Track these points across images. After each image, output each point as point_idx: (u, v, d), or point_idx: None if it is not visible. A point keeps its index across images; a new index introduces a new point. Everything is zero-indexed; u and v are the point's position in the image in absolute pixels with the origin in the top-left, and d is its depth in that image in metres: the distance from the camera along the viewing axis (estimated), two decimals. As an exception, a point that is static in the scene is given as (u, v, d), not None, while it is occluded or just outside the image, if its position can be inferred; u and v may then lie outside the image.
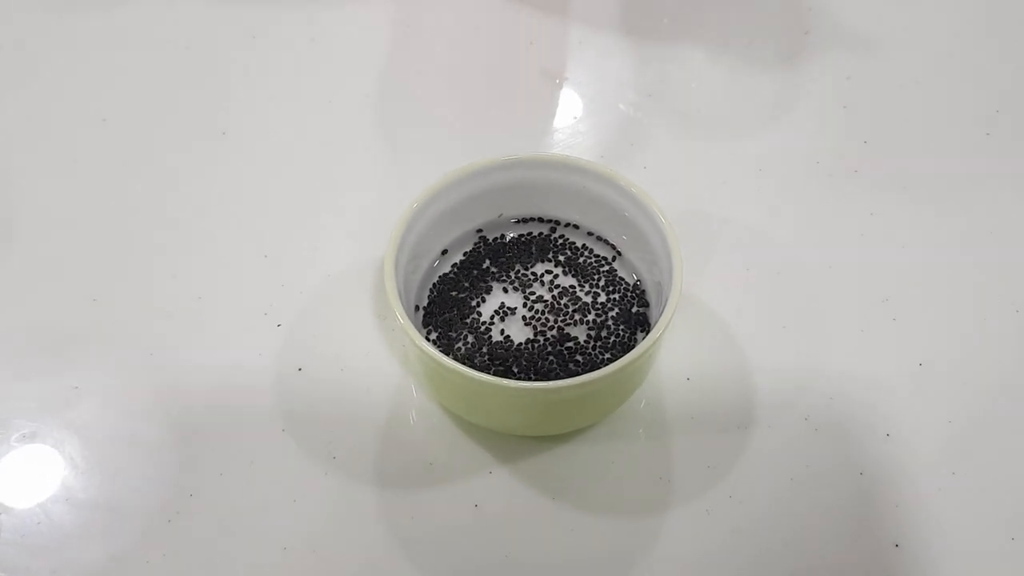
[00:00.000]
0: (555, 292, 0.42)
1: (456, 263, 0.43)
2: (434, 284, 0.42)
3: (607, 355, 0.40)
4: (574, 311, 0.41)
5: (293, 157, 0.50)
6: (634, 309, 0.41)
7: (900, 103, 0.53)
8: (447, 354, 0.39)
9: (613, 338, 0.40)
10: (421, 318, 0.41)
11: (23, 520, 0.38)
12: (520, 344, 0.40)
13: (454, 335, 0.40)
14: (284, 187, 0.49)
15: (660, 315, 0.37)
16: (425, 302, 0.42)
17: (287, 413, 0.41)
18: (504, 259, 0.43)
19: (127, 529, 0.38)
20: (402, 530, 0.38)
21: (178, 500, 0.39)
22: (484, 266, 0.43)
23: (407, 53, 0.55)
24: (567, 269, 0.42)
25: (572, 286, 0.42)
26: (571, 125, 0.52)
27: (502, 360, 0.39)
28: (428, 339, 0.40)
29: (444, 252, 0.43)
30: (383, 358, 0.43)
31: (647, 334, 0.38)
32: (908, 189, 0.49)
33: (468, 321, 0.41)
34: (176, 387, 0.42)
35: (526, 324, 0.41)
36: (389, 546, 0.38)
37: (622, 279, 0.42)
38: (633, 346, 0.40)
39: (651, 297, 0.42)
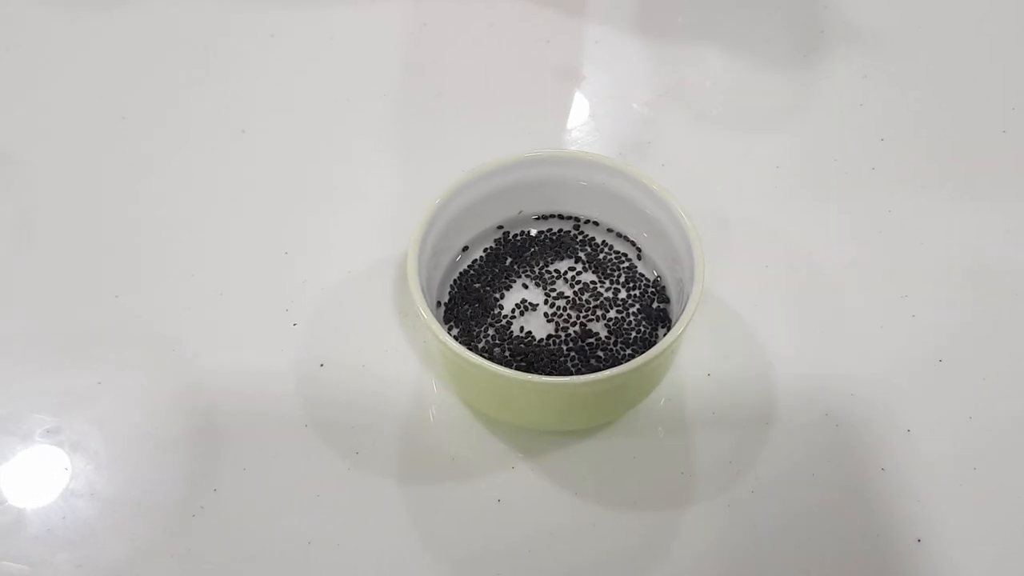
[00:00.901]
0: (576, 288, 0.42)
1: (477, 259, 0.43)
2: (455, 280, 0.42)
3: (628, 351, 0.40)
4: (595, 307, 0.41)
5: (312, 155, 0.50)
6: (655, 305, 0.41)
7: (916, 101, 0.53)
8: (469, 350, 0.40)
9: (634, 334, 0.40)
10: (442, 314, 0.42)
11: (48, 514, 0.39)
12: (541, 340, 0.40)
13: (475, 331, 0.41)
14: (303, 185, 0.49)
15: (682, 311, 0.37)
16: (446, 298, 0.42)
17: (310, 409, 0.41)
18: (525, 255, 0.43)
19: (151, 524, 0.38)
20: (425, 524, 0.39)
21: (202, 495, 0.39)
22: (506, 263, 0.43)
23: (424, 51, 0.55)
24: (588, 265, 0.43)
25: (593, 282, 0.42)
26: (587, 123, 0.53)
27: (523, 355, 0.40)
28: (450, 334, 0.41)
29: (465, 248, 0.43)
30: (404, 354, 0.43)
31: (668, 330, 0.38)
32: (925, 186, 0.49)
33: (489, 317, 0.41)
34: (199, 383, 0.42)
35: (548, 320, 0.41)
36: (412, 540, 0.38)
37: (643, 275, 0.42)
38: (654, 342, 0.40)
39: (671, 294, 0.42)
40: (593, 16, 0.57)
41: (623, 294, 0.42)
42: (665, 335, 0.37)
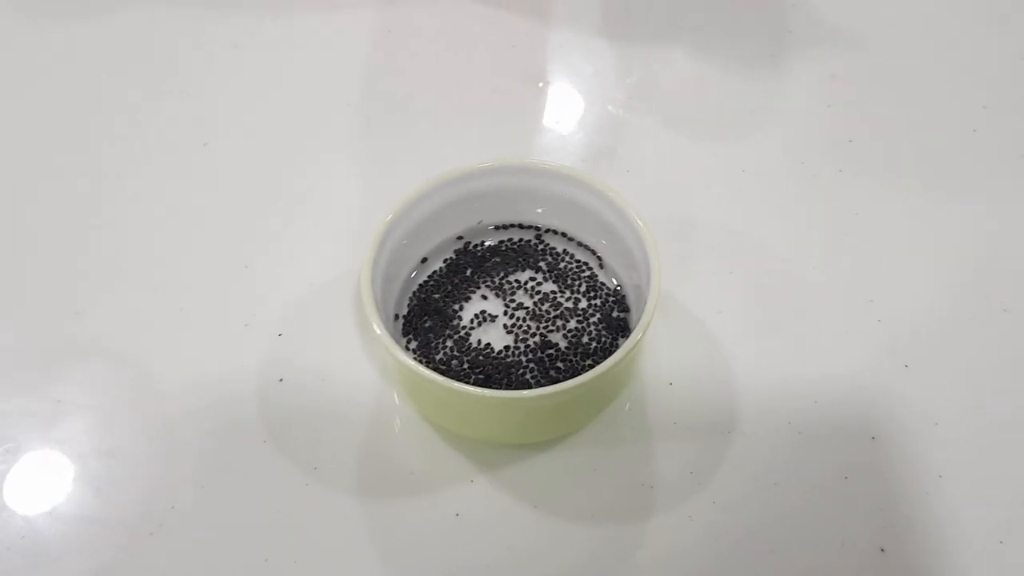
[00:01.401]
0: (536, 298, 0.41)
1: (436, 271, 0.43)
2: (414, 292, 0.42)
3: (588, 361, 0.40)
4: (555, 317, 0.41)
5: (275, 166, 0.50)
6: (615, 314, 0.41)
7: (885, 101, 0.52)
8: (427, 363, 0.39)
9: (594, 344, 0.40)
10: (401, 327, 0.41)
11: (7, 534, 0.38)
12: (500, 351, 0.40)
13: (434, 343, 0.40)
14: (266, 197, 0.49)
15: (639, 320, 0.37)
16: (405, 310, 0.42)
17: (269, 424, 0.41)
18: (485, 266, 0.43)
19: (110, 542, 0.38)
20: (384, 540, 0.38)
21: (160, 513, 0.39)
22: (466, 273, 0.42)
23: (389, 60, 0.55)
24: (548, 275, 0.42)
25: (553, 292, 0.42)
26: (554, 128, 0.52)
27: (482, 368, 0.39)
28: (408, 348, 0.40)
29: (424, 260, 0.43)
30: (364, 368, 0.43)
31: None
32: (894, 188, 0.49)
33: (448, 329, 0.41)
34: (158, 400, 0.42)
35: (507, 332, 0.41)
36: (371, 556, 0.38)
37: (603, 284, 0.42)
38: (614, 352, 0.39)
39: (631, 303, 0.41)
40: (558, 20, 0.56)
41: (584, 304, 0.41)
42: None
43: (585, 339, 0.40)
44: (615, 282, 0.42)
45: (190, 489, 0.39)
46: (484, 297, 0.42)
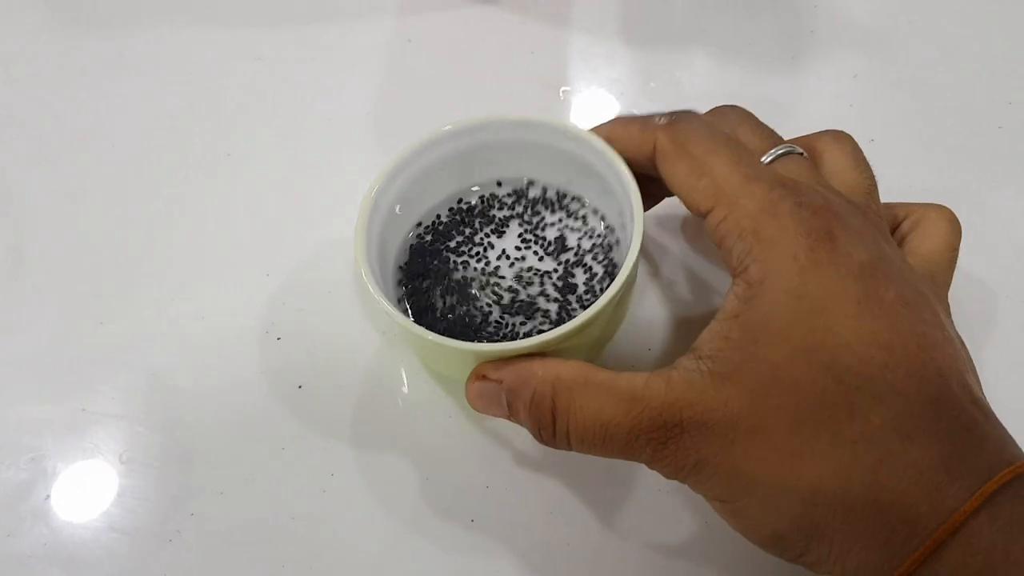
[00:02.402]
0: (532, 249, 0.42)
1: (431, 228, 0.43)
2: (410, 248, 0.42)
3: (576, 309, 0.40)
4: (547, 268, 0.41)
5: (296, 176, 0.50)
6: (604, 262, 0.41)
7: (908, 100, 0.51)
8: (428, 309, 0.40)
9: (587, 294, 0.40)
10: (399, 282, 0.42)
11: (29, 541, 0.39)
12: (498, 299, 0.40)
13: (432, 295, 0.41)
14: (286, 207, 0.49)
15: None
16: (406, 258, 0.42)
17: (287, 431, 0.41)
18: (481, 221, 0.43)
19: (131, 549, 0.39)
20: (399, 547, 0.39)
21: (179, 519, 0.39)
22: (463, 229, 0.43)
23: (408, 68, 0.55)
24: (540, 228, 0.42)
25: (549, 243, 0.42)
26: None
27: (483, 317, 0.40)
28: (407, 299, 0.41)
29: (418, 224, 0.43)
30: (382, 376, 0.43)
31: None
32: (918, 187, 0.47)
33: (445, 281, 0.41)
34: (179, 408, 0.42)
35: (507, 280, 0.41)
36: (386, 563, 0.38)
37: (596, 232, 0.42)
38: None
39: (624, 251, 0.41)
40: (577, 26, 0.56)
41: (576, 254, 0.42)
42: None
43: (579, 290, 0.40)
44: (607, 227, 0.42)
45: (208, 496, 0.40)
46: (481, 246, 0.42)
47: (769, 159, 0.36)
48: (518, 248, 0.42)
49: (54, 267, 0.47)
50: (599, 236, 0.42)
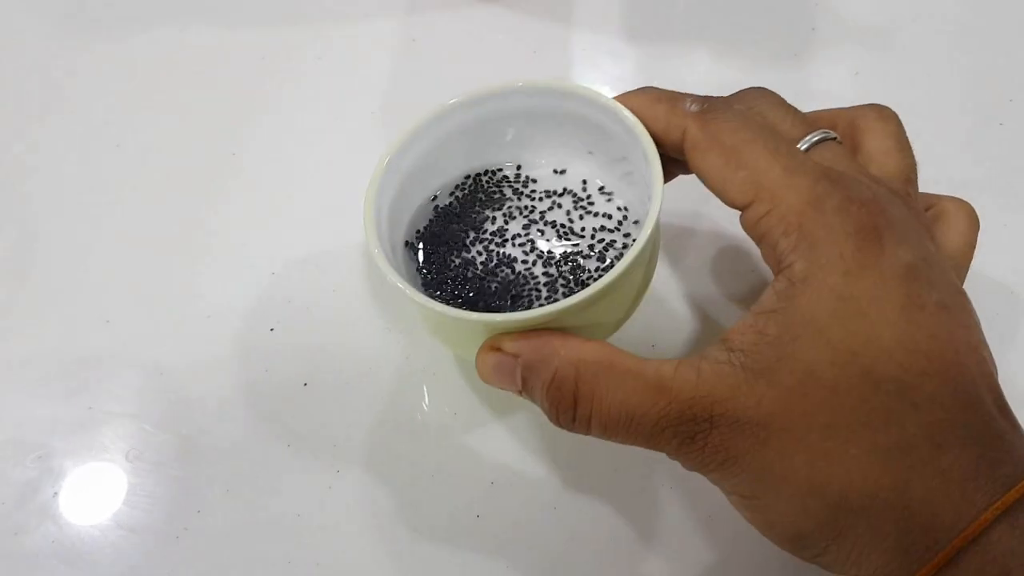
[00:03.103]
0: (547, 223, 0.40)
1: (443, 205, 0.42)
2: (424, 225, 0.41)
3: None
4: (566, 240, 0.40)
5: (301, 176, 0.51)
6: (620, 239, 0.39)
7: (910, 97, 0.51)
8: (439, 284, 0.39)
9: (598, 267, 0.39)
10: (409, 250, 0.40)
11: (37, 539, 0.39)
12: (506, 274, 0.39)
13: (441, 263, 0.39)
14: (292, 206, 0.49)
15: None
16: (416, 234, 0.41)
17: (292, 428, 0.42)
18: (493, 196, 0.41)
19: (138, 546, 0.39)
20: (405, 543, 0.39)
21: (186, 517, 0.40)
22: (474, 204, 0.41)
23: (413, 68, 0.55)
24: (554, 201, 0.41)
25: (562, 215, 0.40)
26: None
27: (495, 289, 0.38)
28: (418, 273, 0.39)
29: (433, 198, 0.42)
30: (388, 373, 0.43)
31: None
32: (921, 184, 0.48)
33: (459, 250, 0.40)
34: (185, 406, 0.43)
35: (517, 253, 0.39)
36: (392, 559, 0.38)
37: (612, 206, 0.41)
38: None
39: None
40: (580, 24, 0.56)
41: (593, 224, 0.40)
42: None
43: (590, 265, 0.39)
44: (624, 210, 0.40)
45: (215, 493, 0.40)
46: (494, 221, 0.41)
47: (805, 147, 0.35)
48: (534, 225, 0.40)
49: (61, 265, 0.48)
50: (617, 221, 0.40)
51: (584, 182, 0.41)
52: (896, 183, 0.35)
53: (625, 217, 0.40)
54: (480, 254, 0.39)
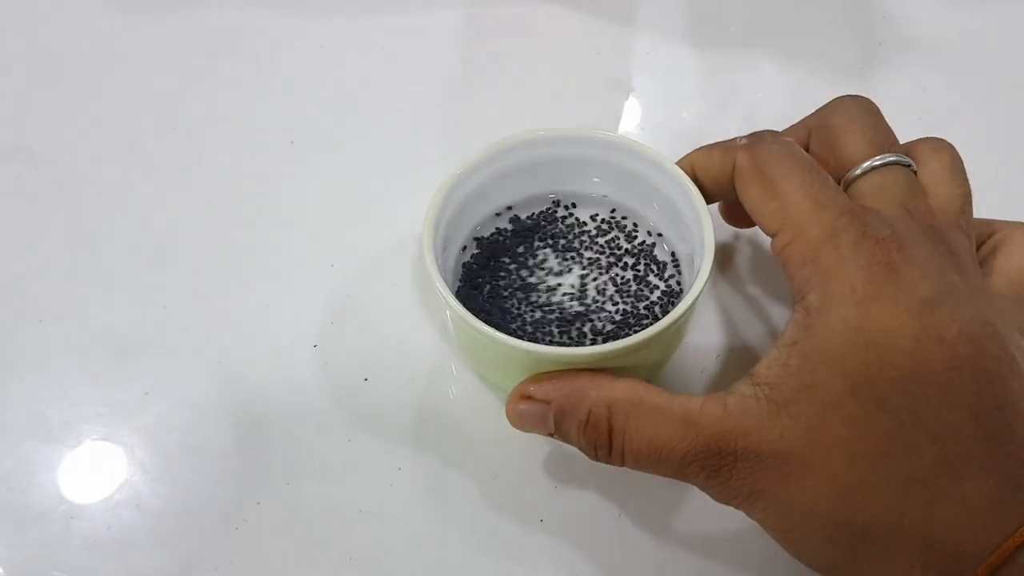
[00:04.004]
0: (595, 265, 0.42)
1: (496, 235, 0.43)
2: (476, 247, 0.42)
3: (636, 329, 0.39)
4: (613, 285, 0.41)
5: (359, 166, 0.50)
6: (667, 285, 0.41)
7: (979, 116, 0.51)
8: (482, 311, 0.40)
9: (646, 314, 0.40)
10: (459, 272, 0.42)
11: (93, 524, 0.39)
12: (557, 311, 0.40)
13: (488, 291, 0.41)
14: (351, 197, 0.49)
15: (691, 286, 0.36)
16: (469, 259, 0.42)
17: (353, 423, 0.41)
18: (548, 231, 0.43)
19: (195, 536, 0.39)
20: (468, 544, 0.38)
21: (245, 508, 0.39)
22: (529, 239, 0.43)
23: (474, 61, 0.55)
24: (606, 246, 0.42)
25: (612, 260, 0.42)
26: (639, 135, 0.52)
27: (558, 321, 0.39)
28: (464, 299, 0.40)
29: (508, 208, 0.43)
30: (450, 371, 0.43)
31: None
32: (988, 204, 0.47)
33: (507, 278, 0.41)
34: (244, 396, 0.42)
35: (569, 294, 0.41)
36: (454, 558, 0.38)
37: (657, 256, 0.42)
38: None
39: (684, 273, 0.41)
40: (643, 27, 0.56)
41: (641, 272, 0.41)
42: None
43: (633, 314, 0.40)
44: (672, 255, 0.42)
45: (275, 486, 0.40)
46: (544, 258, 0.42)
47: (859, 172, 0.36)
48: (580, 262, 0.42)
49: (118, 250, 0.47)
50: (664, 263, 0.42)
51: (647, 232, 0.43)
52: (949, 214, 0.35)
53: (677, 265, 0.42)
54: (525, 282, 0.41)
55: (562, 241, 0.42)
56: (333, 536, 0.38)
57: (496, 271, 0.41)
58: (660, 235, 0.43)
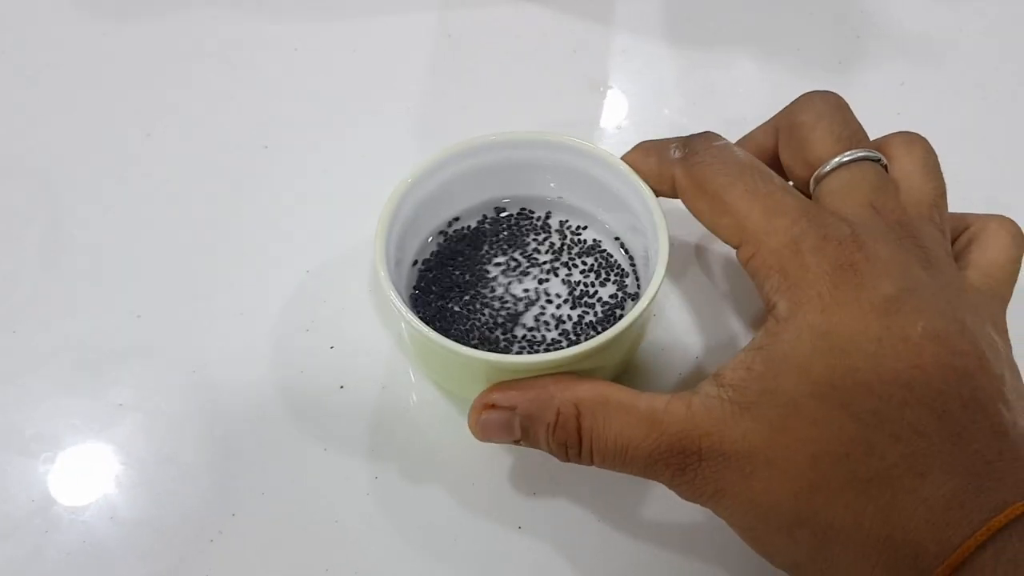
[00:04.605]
0: (548, 270, 0.42)
1: (447, 243, 0.43)
2: (430, 254, 0.42)
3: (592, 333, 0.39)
4: (567, 289, 0.41)
5: (334, 171, 0.50)
6: (623, 290, 0.41)
7: (957, 109, 0.51)
8: (439, 319, 0.40)
9: (598, 320, 0.40)
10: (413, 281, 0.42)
11: (68, 537, 0.38)
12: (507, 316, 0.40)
13: (443, 299, 0.41)
14: (327, 202, 0.48)
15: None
16: (423, 267, 0.42)
17: (328, 432, 0.41)
18: (500, 237, 0.43)
19: (170, 548, 0.38)
20: (446, 553, 0.38)
21: (220, 520, 0.39)
22: (481, 246, 0.42)
23: (449, 63, 0.54)
24: (560, 249, 0.42)
25: (564, 263, 0.42)
26: (617, 133, 0.52)
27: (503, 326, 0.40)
28: (420, 307, 0.41)
29: (462, 215, 0.43)
30: (423, 376, 0.42)
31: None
32: (965, 198, 0.47)
33: (462, 286, 0.41)
34: (218, 406, 0.42)
35: (519, 299, 0.41)
36: (433, 568, 0.38)
37: (612, 257, 0.42)
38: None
39: (641, 275, 0.41)
40: (620, 25, 0.55)
41: (594, 278, 0.41)
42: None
43: (590, 316, 0.40)
44: (628, 255, 0.42)
45: (250, 496, 0.39)
46: (502, 259, 0.42)
47: (827, 169, 0.36)
48: (537, 267, 0.42)
49: (89, 257, 0.47)
50: (619, 263, 0.42)
51: (603, 234, 0.43)
52: (921, 208, 0.35)
53: (633, 265, 0.42)
54: (481, 289, 0.41)
55: (518, 245, 0.42)
56: (309, 547, 0.38)
57: (451, 277, 0.41)
58: (616, 238, 0.42)
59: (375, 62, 0.54)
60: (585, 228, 0.43)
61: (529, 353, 0.39)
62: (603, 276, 0.41)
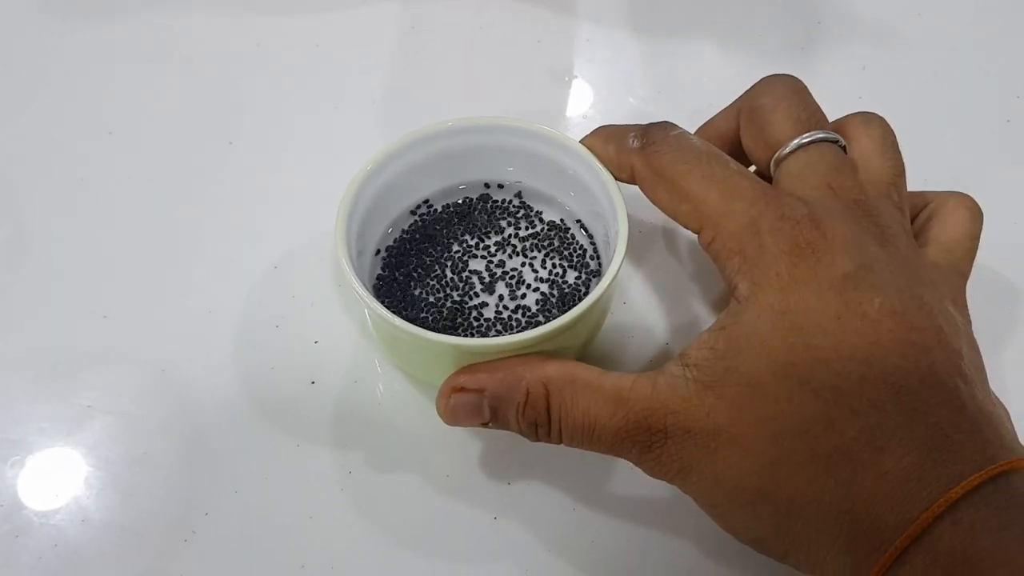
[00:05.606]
0: (509, 253, 0.42)
1: (409, 229, 0.43)
2: (392, 241, 0.42)
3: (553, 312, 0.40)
4: (528, 272, 0.41)
5: (300, 165, 0.49)
6: (585, 272, 0.41)
7: (917, 93, 0.52)
8: (404, 305, 0.40)
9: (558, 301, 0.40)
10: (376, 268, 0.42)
11: (39, 542, 0.38)
12: (470, 304, 0.40)
13: (406, 284, 0.41)
14: (292, 197, 0.48)
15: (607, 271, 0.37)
16: (385, 254, 0.42)
17: (301, 428, 0.41)
18: (462, 223, 0.43)
19: (143, 550, 0.38)
20: (421, 546, 0.38)
21: (193, 519, 0.38)
22: (440, 230, 0.43)
23: (413, 55, 0.54)
24: (520, 234, 0.42)
25: (526, 247, 0.42)
26: (580, 123, 0.52)
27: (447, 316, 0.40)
28: (383, 293, 0.41)
29: (424, 201, 0.43)
30: (399, 371, 0.42)
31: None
32: (927, 181, 0.48)
33: (425, 272, 0.41)
34: (188, 405, 0.41)
35: (481, 285, 0.41)
36: (408, 562, 0.38)
37: (575, 239, 0.42)
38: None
39: (602, 257, 0.41)
40: (584, 15, 0.55)
41: (556, 259, 0.42)
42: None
43: (554, 298, 0.40)
44: (589, 237, 0.42)
45: (223, 495, 0.39)
46: (463, 243, 0.42)
47: (788, 150, 0.36)
48: (501, 250, 0.42)
49: (54, 258, 0.46)
50: (581, 245, 0.42)
51: (563, 217, 0.43)
52: (880, 186, 0.36)
53: (595, 248, 0.42)
54: (445, 274, 0.41)
55: (479, 229, 0.42)
56: (284, 544, 0.38)
57: (414, 263, 0.41)
58: (578, 220, 0.43)
59: (338, 56, 0.54)
60: (546, 212, 0.43)
61: (494, 336, 0.39)
62: (566, 258, 0.41)
